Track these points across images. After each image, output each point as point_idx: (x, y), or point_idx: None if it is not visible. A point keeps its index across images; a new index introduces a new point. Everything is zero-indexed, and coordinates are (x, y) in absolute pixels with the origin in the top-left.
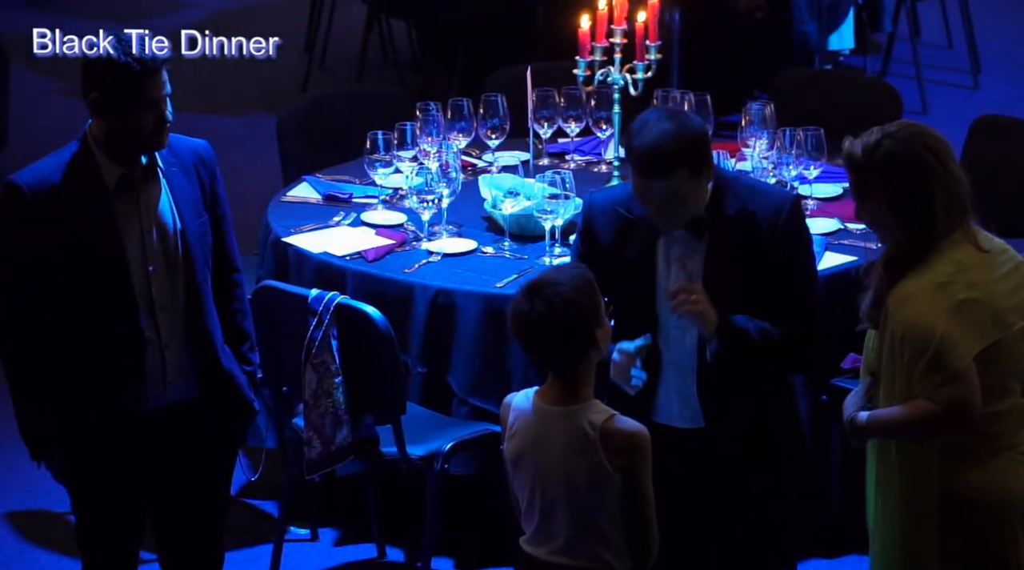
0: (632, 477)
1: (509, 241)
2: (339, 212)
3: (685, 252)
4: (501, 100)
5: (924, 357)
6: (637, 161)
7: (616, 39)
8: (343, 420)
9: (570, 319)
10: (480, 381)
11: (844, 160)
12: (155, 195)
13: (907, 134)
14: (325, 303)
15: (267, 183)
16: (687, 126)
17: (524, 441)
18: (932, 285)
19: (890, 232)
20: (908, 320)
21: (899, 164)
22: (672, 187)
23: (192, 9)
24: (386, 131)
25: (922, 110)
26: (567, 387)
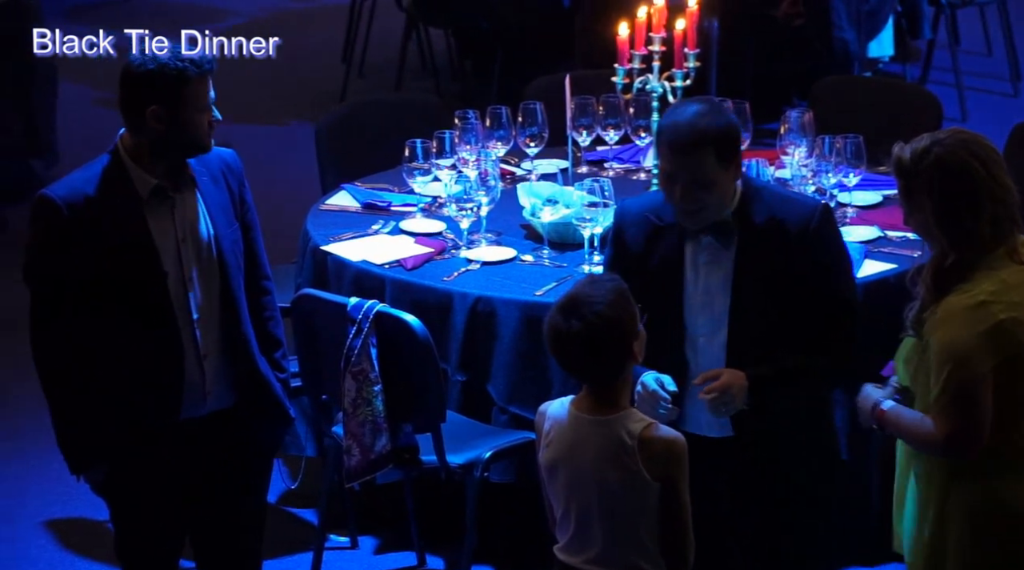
0: (670, 484)
1: (548, 249)
2: (378, 220)
3: (713, 260)
4: (540, 108)
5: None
6: (665, 135)
7: (655, 47)
8: (382, 428)
9: (607, 337)
10: (519, 389)
11: (892, 166)
12: (190, 204)
13: (956, 141)
14: (364, 311)
15: (306, 191)
16: (720, 112)
17: (560, 450)
18: (973, 304)
19: (937, 241)
20: (944, 339)
21: (945, 172)
22: (698, 169)
23: (232, 17)
24: (425, 139)
25: (961, 117)
26: (604, 396)
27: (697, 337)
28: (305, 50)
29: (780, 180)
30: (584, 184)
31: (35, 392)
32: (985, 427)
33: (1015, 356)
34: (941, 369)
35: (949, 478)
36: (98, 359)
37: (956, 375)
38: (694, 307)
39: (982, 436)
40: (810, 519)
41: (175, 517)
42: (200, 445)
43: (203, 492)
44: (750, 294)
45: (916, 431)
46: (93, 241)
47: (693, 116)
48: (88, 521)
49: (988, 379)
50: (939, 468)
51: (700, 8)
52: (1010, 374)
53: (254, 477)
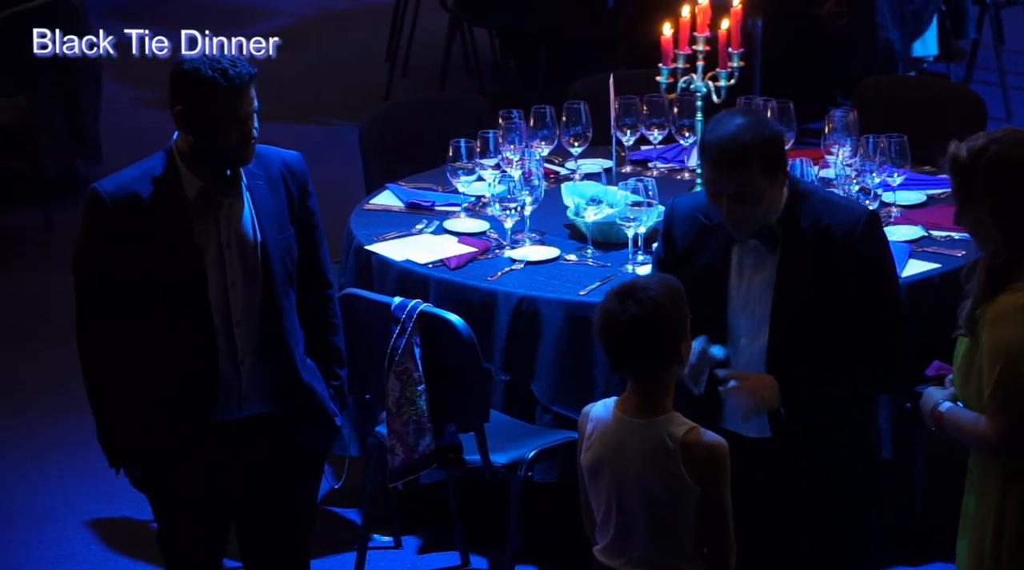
0: (711, 489)
1: (592, 249)
2: (422, 220)
3: (758, 263)
4: (584, 107)
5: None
6: (710, 153)
7: (699, 46)
8: (426, 428)
9: (660, 325)
10: (563, 389)
11: (948, 164)
12: (237, 209)
13: (1014, 139)
14: (408, 311)
15: (350, 191)
16: (764, 124)
17: (602, 451)
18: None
19: (992, 239)
20: (996, 338)
21: (1004, 168)
22: (743, 182)
23: (277, 17)
24: (469, 139)
25: (1006, 117)
26: (648, 398)
27: (739, 339)
28: (349, 50)
29: (824, 179)
30: (628, 184)
31: (79, 391)
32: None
33: None
34: (993, 368)
35: (1004, 482)
36: (138, 356)
37: (1009, 374)
38: (737, 309)
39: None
40: (851, 519)
41: (215, 516)
42: (237, 447)
43: (244, 493)
44: (792, 299)
45: (971, 432)
46: (137, 238)
47: (736, 131)
48: (132, 520)
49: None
50: (994, 473)
51: (744, 7)
52: None
53: (299, 481)
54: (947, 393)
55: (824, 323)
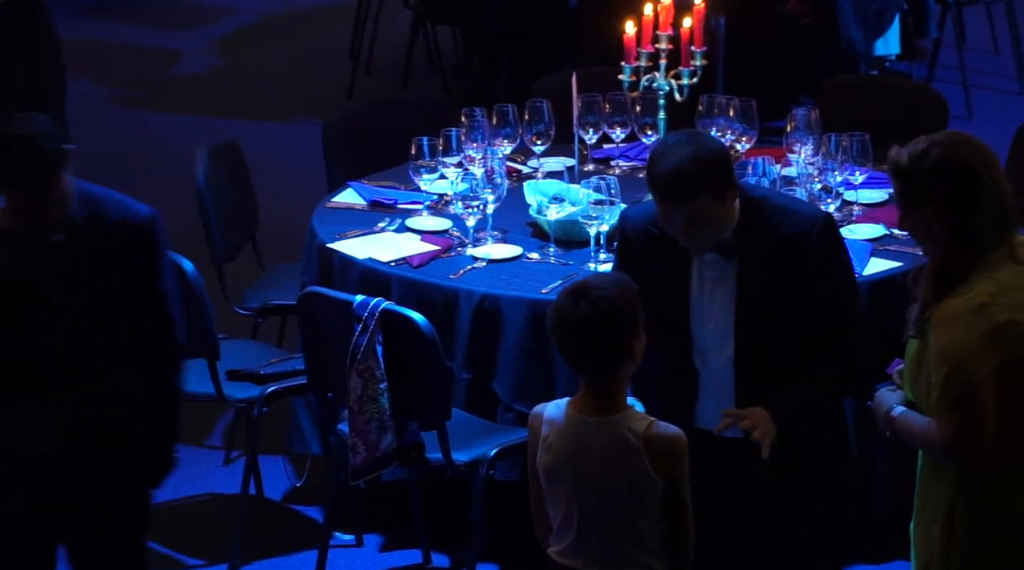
0: (673, 482)
1: (554, 247)
2: (384, 218)
3: (718, 275)
4: (546, 106)
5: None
6: (658, 189)
7: (662, 45)
8: (388, 426)
9: (612, 324)
10: (525, 387)
11: (890, 168)
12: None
13: (954, 143)
14: (370, 309)
15: (312, 189)
16: (706, 149)
17: (562, 453)
18: (972, 307)
19: (936, 243)
20: (943, 341)
21: (946, 173)
22: (695, 212)
23: (241, 15)
24: (431, 137)
25: (968, 116)
26: (604, 396)
27: (706, 352)
28: (313, 48)
29: (786, 178)
30: (590, 182)
31: None
32: (987, 431)
33: (1017, 359)
34: (940, 371)
35: (957, 481)
36: None
37: (956, 379)
38: (701, 321)
39: (983, 440)
40: (819, 517)
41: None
42: (47, 481)
43: (63, 526)
44: (755, 307)
45: (922, 436)
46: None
47: (681, 163)
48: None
49: (989, 382)
50: (944, 478)
51: (707, 6)
52: (1012, 378)
53: (113, 517)
54: (899, 396)
55: (788, 329)
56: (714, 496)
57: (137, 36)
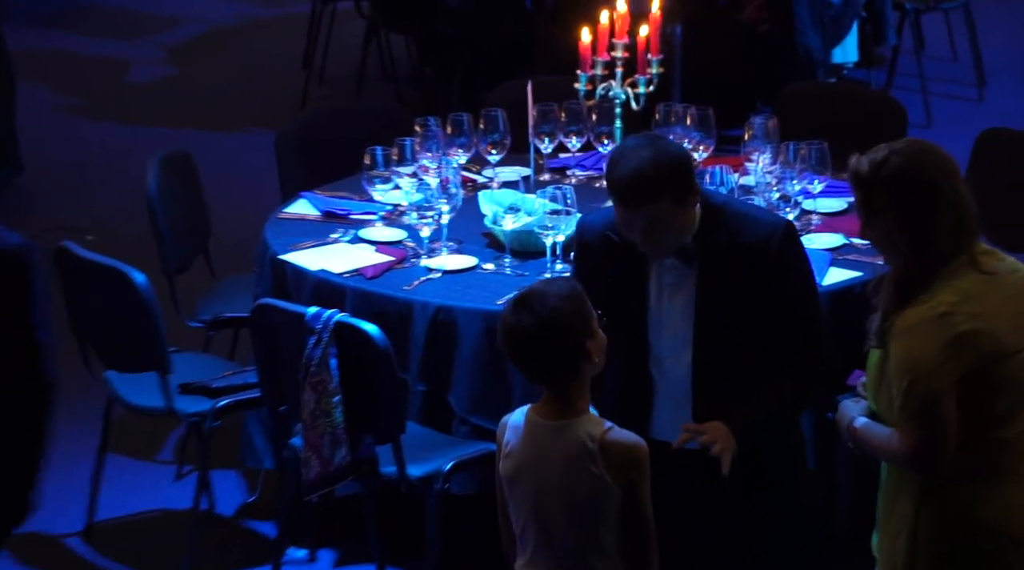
0: (631, 490)
1: (510, 258)
2: (337, 229)
3: (677, 281)
4: (501, 115)
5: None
6: (617, 192)
7: (618, 53)
8: (342, 440)
9: (558, 330)
10: (480, 399)
11: (850, 177)
12: None
13: (914, 151)
14: (324, 321)
15: (265, 200)
16: (667, 152)
17: (521, 459)
18: (933, 316)
19: (897, 251)
20: (904, 351)
21: (906, 181)
22: (655, 216)
23: (192, 25)
24: (385, 147)
25: (927, 123)
26: (562, 400)
27: (663, 359)
28: (266, 58)
29: (744, 187)
30: (546, 192)
31: None
32: (950, 442)
33: (978, 369)
34: (901, 381)
35: (920, 492)
36: None
37: (917, 389)
38: (659, 329)
39: (947, 451)
40: (777, 529)
41: None
42: None
43: None
44: (714, 316)
45: (885, 447)
46: None
47: (640, 167)
48: None
49: (951, 392)
50: (913, 484)
51: (663, 14)
52: (974, 387)
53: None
54: (862, 407)
55: (747, 337)
56: (674, 507)
57: (88, 46)
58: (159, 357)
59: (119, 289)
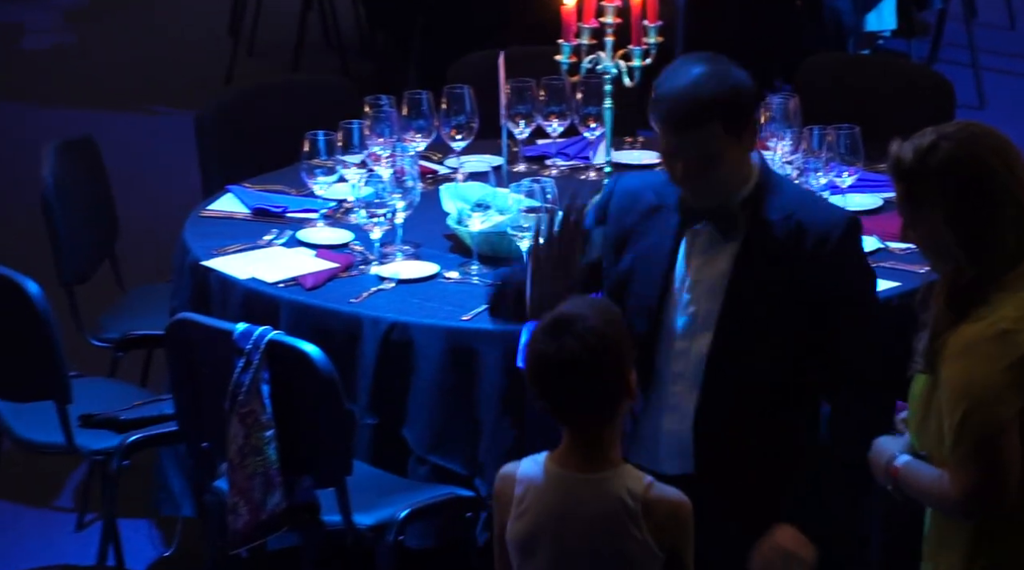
0: (678, 556)
1: (477, 264)
2: (271, 229)
3: (708, 252)
4: (468, 93)
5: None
6: (662, 109)
7: (607, 19)
8: (276, 482)
9: (607, 359)
10: (442, 435)
11: (891, 167)
12: None
13: (968, 135)
14: (254, 340)
15: (185, 195)
16: (728, 73)
17: (541, 519)
18: (995, 333)
19: (949, 255)
20: (959, 375)
21: (959, 171)
22: (703, 145)
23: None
24: (328, 131)
25: (979, 104)
26: (595, 447)
27: (673, 340)
28: (184, 23)
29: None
30: (522, 185)
31: None
32: (1012, 482)
33: None
34: (955, 412)
35: (972, 543)
36: None
37: (975, 420)
38: (675, 305)
39: (1007, 493)
40: None
41: None
42: None
43: None
44: (748, 299)
45: (933, 490)
46: None
47: (694, 81)
48: None
49: (1014, 425)
50: (960, 536)
51: None
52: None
53: None
54: (902, 443)
55: (779, 332)
56: None
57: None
58: (57, 383)
59: (8, 302)
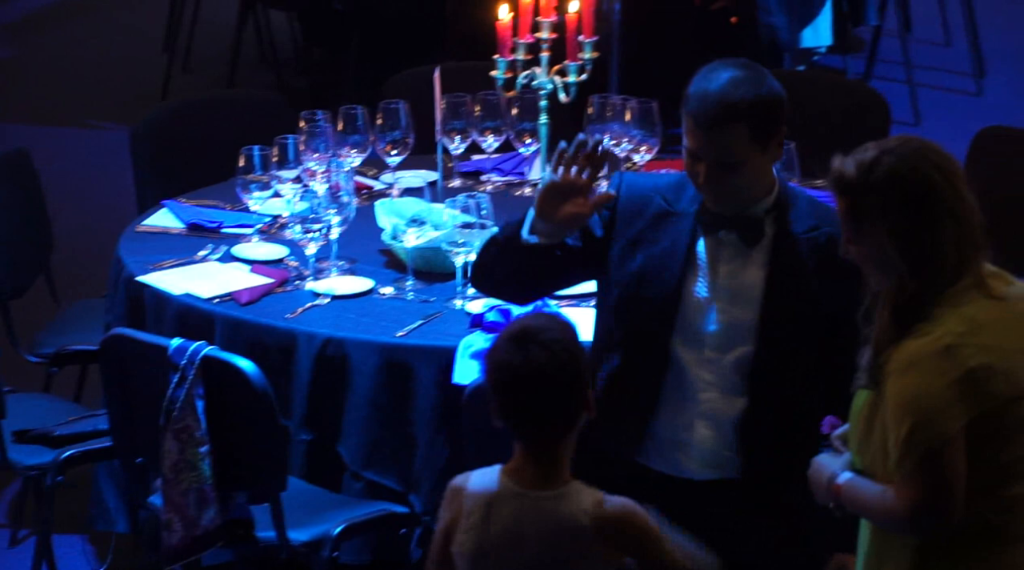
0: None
1: (412, 280)
2: (206, 245)
3: (736, 260)
4: (403, 108)
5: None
6: (692, 107)
7: (543, 34)
8: (210, 498)
9: (572, 371)
10: (377, 450)
11: (833, 182)
12: None
13: (910, 150)
14: (189, 355)
15: (119, 210)
16: (762, 81)
17: (493, 534)
18: (939, 348)
19: (892, 270)
20: (905, 391)
21: (903, 185)
22: (728, 145)
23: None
24: (263, 146)
25: (914, 121)
26: (548, 463)
27: (703, 348)
28: (119, 38)
29: None
30: (457, 201)
31: None
32: (958, 497)
33: (989, 412)
34: (900, 426)
35: (914, 560)
36: None
37: (921, 435)
38: (702, 312)
39: (954, 508)
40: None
41: None
42: None
43: None
44: (785, 310)
45: (878, 506)
46: None
47: (726, 85)
48: None
49: (959, 439)
50: (904, 550)
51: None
52: (983, 434)
53: None
54: (843, 461)
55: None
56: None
57: None
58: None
59: None
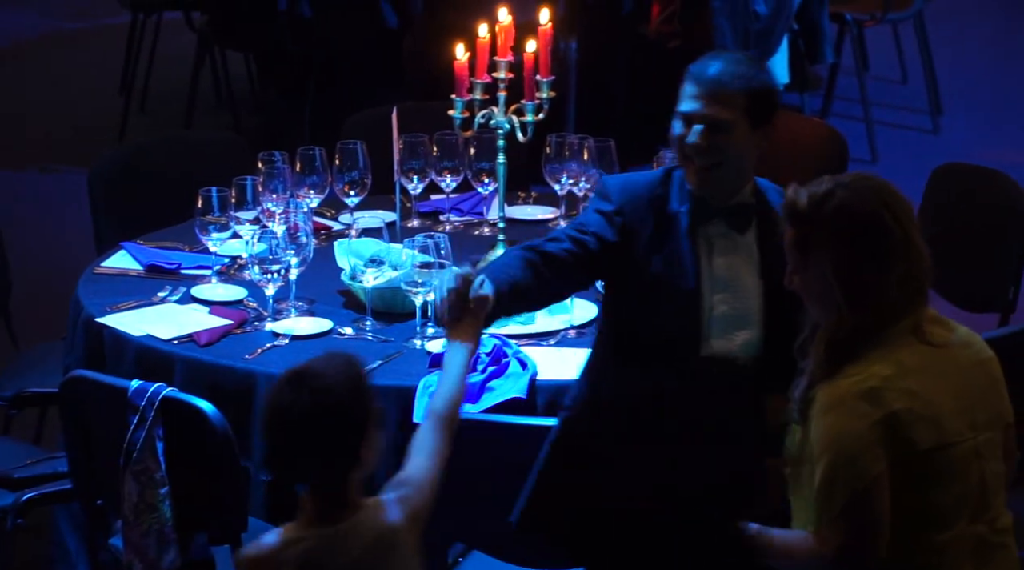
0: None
1: (372, 320)
2: (165, 286)
3: (729, 246)
4: (361, 148)
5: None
6: (695, 69)
7: (500, 74)
8: (171, 539)
9: (336, 422)
10: None
11: (784, 211)
12: None
13: (864, 186)
14: (148, 397)
15: (78, 252)
16: (765, 70)
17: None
18: (863, 390)
19: (832, 304)
20: (831, 431)
21: (851, 219)
22: (721, 109)
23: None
24: (222, 187)
25: (871, 158)
26: (337, 499)
27: (709, 338)
28: (76, 80)
29: None
30: (415, 241)
31: None
32: (881, 538)
33: (912, 457)
34: (825, 468)
35: None
36: None
37: (843, 476)
38: (706, 305)
39: (878, 548)
40: None
41: None
42: None
43: None
44: (781, 291)
45: (798, 551)
46: None
47: (731, 60)
48: None
49: (882, 482)
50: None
51: (555, 26)
52: (906, 479)
53: None
54: None
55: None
56: None
57: None
58: None
59: None
